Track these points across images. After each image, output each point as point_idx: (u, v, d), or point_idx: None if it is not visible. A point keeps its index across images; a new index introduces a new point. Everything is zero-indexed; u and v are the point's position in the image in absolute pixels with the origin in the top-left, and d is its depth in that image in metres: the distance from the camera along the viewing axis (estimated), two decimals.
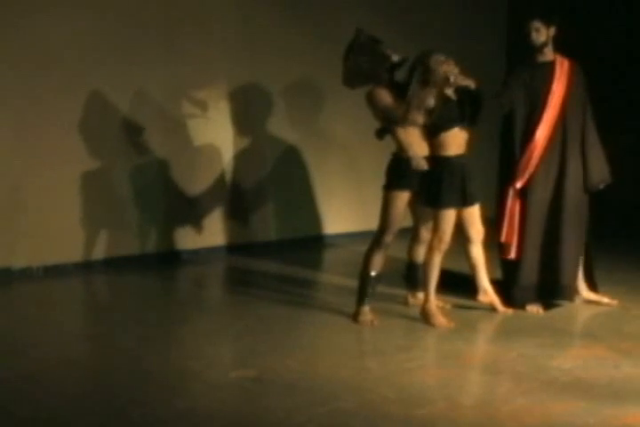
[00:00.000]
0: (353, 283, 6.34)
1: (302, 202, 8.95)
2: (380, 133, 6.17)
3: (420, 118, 6.01)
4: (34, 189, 7.42)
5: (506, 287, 6.50)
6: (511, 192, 6.41)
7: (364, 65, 6.09)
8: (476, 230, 6.28)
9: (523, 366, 5.32)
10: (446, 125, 6.01)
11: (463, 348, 5.71)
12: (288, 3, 8.65)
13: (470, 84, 6.09)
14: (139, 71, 7.82)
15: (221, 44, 8.30)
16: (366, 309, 6.16)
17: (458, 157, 6.05)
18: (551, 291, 6.50)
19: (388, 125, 6.11)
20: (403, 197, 6.09)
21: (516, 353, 5.55)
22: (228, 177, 8.49)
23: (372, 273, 6.17)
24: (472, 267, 6.38)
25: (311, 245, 8.85)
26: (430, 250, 6.09)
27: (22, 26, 7.28)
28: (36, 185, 7.42)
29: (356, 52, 6.11)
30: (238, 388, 5.00)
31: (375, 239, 6.18)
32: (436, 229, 6.07)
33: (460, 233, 6.26)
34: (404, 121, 6.02)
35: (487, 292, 6.39)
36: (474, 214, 6.26)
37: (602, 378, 5.09)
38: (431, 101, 5.97)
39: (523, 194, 6.40)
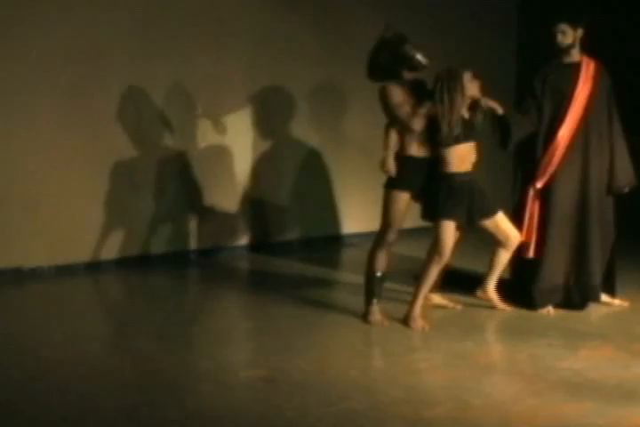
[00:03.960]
0: None
1: (321, 202, 8.95)
2: None
3: (418, 125, 5.98)
4: (45, 189, 7.43)
5: (521, 287, 6.49)
6: (531, 192, 6.40)
7: (384, 61, 6.08)
8: (512, 236, 6.26)
9: (532, 367, 5.32)
10: (448, 142, 5.95)
11: (473, 348, 5.71)
12: (306, 5, 8.64)
13: (498, 108, 6.08)
14: (153, 73, 7.82)
15: (240, 48, 8.28)
16: (375, 308, 6.16)
17: (459, 175, 5.99)
18: (582, 293, 6.48)
19: (389, 123, 6.11)
20: (402, 197, 6.07)
21: (525, 354, 5.55)
22: (248, 178, 8.47)
23: (378, 273, 6.16)
24: (490, 265, 6.38)
25: (329, 244, 8.85)
26: (429, 261, 6.08)
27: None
28: (48, 185, 7.43)
29: (379, 48, 6.11)
30: (248, 388, 5.01)
31: (378, 238, 6.18)
32: (435, 242, 6.05)
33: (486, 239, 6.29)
34: (403, 124, 6.00)
35: (487, 291, 6.42)
36: (500, 223, 6.21)
37: (612, 379, 5.08)
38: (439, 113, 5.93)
39: (543, 194, 6.40)
